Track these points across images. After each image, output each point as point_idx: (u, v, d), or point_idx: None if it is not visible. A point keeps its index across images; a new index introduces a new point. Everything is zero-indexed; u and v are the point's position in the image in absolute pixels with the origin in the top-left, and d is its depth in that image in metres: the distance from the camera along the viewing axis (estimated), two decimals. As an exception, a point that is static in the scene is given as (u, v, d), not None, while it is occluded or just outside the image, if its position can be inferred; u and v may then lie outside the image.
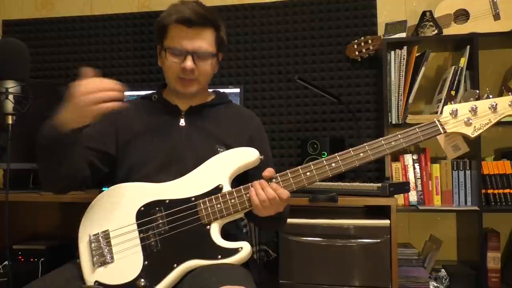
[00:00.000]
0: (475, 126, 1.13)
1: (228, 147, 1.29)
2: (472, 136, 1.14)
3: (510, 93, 1.14)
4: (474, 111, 1.13)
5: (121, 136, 1.33)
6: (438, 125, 1.15)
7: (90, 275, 1.15)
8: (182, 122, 1.34)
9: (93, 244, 1.18)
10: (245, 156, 1.22)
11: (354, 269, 1.60)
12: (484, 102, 1.14)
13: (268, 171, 1.17)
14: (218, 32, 1.31)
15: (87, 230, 1.21)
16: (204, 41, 1.27)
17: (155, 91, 1.42)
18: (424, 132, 1.14)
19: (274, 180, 1.16)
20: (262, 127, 1.44)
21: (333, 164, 1.15)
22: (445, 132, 1.15)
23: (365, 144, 1.15)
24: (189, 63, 1.25)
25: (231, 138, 1.32)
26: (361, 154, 1.14)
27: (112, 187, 1.26)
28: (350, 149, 1.15)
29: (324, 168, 1.16)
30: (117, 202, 1.22)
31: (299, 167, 1.17)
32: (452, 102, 1.17)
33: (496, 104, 1.13)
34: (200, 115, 1.36)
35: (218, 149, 1.28)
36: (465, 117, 1.14)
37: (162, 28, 1.29)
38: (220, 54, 1.38)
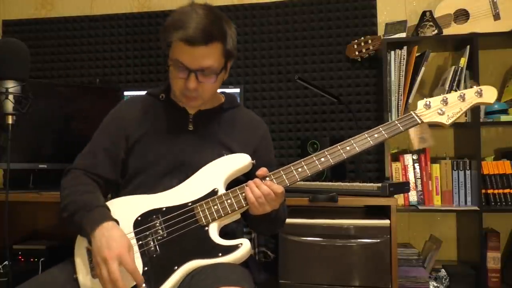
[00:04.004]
0: (448, 115, 1.24)
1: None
2: (447, 123, 1.24)
3: (475, 85, 1.24)
4: (445, 102, 1.25)
5: (131, 139, 1.30)
6: (415, 116, 1.24)
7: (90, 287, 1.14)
8: (190, 126, 1.31)
9: (90, 257, 1.15)
10: (238, 161, 1.24)
11: (354, 269, 1.60)
12: (453, 94, 1.26)
13: (262, 170, 1.18)
14: (225, 45, 1.22)
15: (83, 243, 1.19)
16: (210, 59, 1.19)
17: (161, 88, 1.37)
18: (403, 124, 1.24)
19: (267, 178, 1.18)
20: (269, 135, 1.43)
21: (322, 159, 1.21)
22: (422, 122, 1.24)
23: (350, 139, 1.22)
24: (192, 83, 1.20)
25: (238, 146, 1.31)
26: (348, 148, 1.22)
27: (107, 202, 1.24)
28: (337, 144, 1.22)
29: (314, 163, 1.21)
30: (113, 215, 1.20)
31: (290, 164, 1.21)
32: (425, 98, 1.29)
33: (464, 94, 1.24)
34: (208, 119, 1.33)
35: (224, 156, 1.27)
36: (437, 108, 1.24)
37: (166, 38, 1.21)
38: (229, 62, 1.29)
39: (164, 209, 1.19)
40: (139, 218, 1.19)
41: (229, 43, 1.23)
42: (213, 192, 1.19)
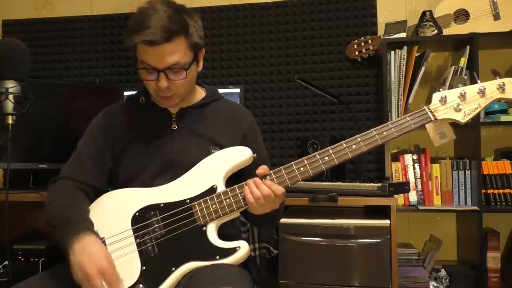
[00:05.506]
0: (465, 112, 1.12)
1: (222, 148, 1.26)
2: (463, 121, 1.13)
3: (497, 76, 1.14)
4: (463, 96, 1.13)
5: (117, 147, 1.30)
6: (428, 112, 1.14)
7: None
8: (174, 125, 1.30)
9: None
10: (238, 155, 1.21)
11: (354, 269, 1.60)
12: (473, 87, 1.14)
13: (262, 169, 1.15)
14: (190, 38, 1.21)
15: None
16: (175, 55, 1.18)
17: (140, 91, 1.36)
18: (415, 120, 1.13)
19: (268, 177, 1.15)
20: (255, 124, 1.40)
21: (326, 158, 1.14)
22: (435, 119, 1.13)
23: (357, 136, 1.14)
24: (163, 83, 1.19)
25: (225, 139, 1.29)
26: (354, 146, 1.13)
27: (106, 194, 1.25)
28: (343, 141, 1.14)
29: (317, 162, 1.14)
30: (111, 209, 1.21)
31: (292, 162, 1.15)
32: (441, 89, 1.16)
33: (485, 88, 1.12)
34: (191, 116, 1.32)
35: (212, 151, 1.25)
36: (454, 103, 1.13)
37: (130, 43, 1.21)
38: (201, 52, 1.28)
39: (162, 205, 1.18)
40: (137, 213, 1.18)
41: (193, 35, 1.22)
42: (212, 190, 1.17)
